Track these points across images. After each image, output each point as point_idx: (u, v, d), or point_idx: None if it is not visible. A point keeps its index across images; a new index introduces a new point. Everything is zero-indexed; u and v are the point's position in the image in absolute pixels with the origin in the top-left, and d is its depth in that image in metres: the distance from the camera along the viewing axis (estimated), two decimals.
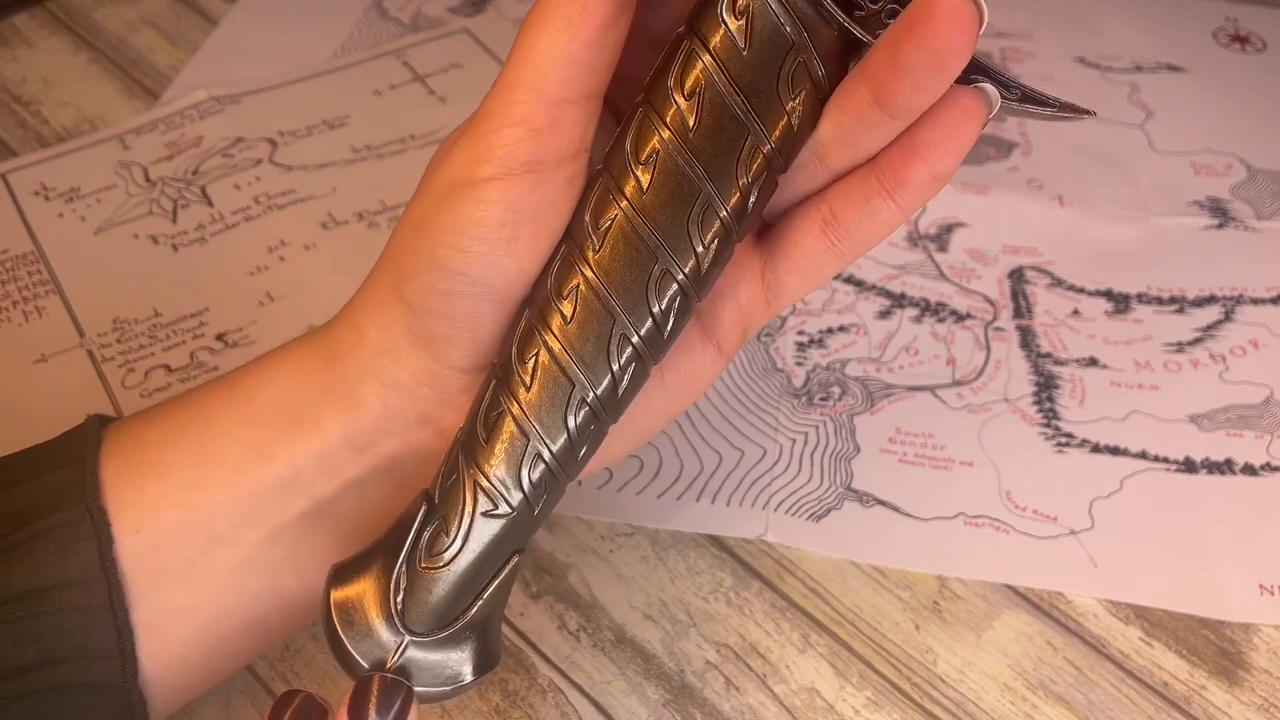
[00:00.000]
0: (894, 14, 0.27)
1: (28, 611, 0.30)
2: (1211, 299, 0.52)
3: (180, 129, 0.59)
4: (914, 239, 0.55)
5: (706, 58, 0.27)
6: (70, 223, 0.54)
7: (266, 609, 0.32)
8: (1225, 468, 0.46)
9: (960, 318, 0.51)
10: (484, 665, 0.30)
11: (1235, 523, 0.44)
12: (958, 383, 0.49)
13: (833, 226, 0.30)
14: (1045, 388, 0.49)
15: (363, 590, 0.29)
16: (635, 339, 0.29)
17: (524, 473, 0.29)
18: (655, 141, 0.28)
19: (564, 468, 0.29)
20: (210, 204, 0.55)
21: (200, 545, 0.31)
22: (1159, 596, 0.42)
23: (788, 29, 0.27)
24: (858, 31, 0.27)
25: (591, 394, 0.29)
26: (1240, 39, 0.66)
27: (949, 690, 0.40)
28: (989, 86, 0.27)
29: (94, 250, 0.53)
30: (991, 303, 0.52)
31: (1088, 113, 0.28)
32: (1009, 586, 0.43)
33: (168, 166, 0.57)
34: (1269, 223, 0.55)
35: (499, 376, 0.29)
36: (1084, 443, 0.47)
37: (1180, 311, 0.52)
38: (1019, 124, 0.61)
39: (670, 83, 0.28)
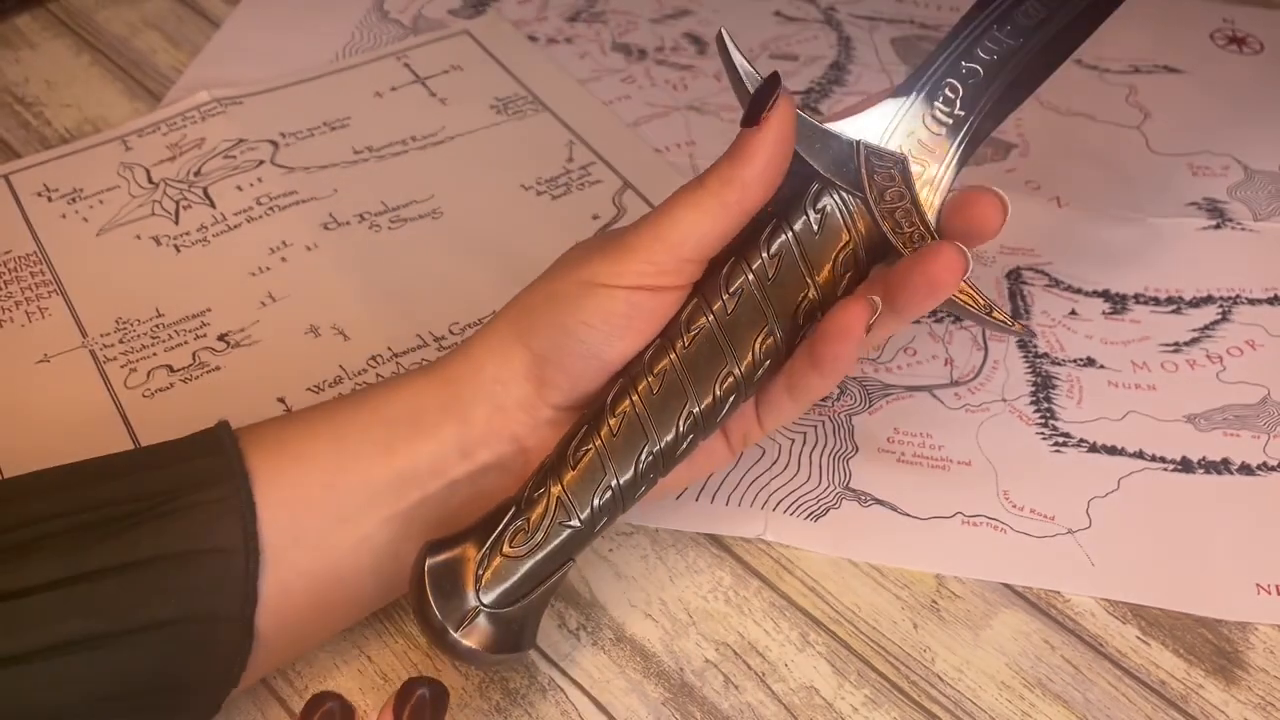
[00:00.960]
0: (922, 236, 0.38)
1: (176, 570, 0.34)
2: (1208, 299, 0.52)
3: (182, 130, 0.59)
4: None
5: (789, 233, 0.38)
6: (73, 224, 0.55)
7: (368, 584, 0.38)
8: (1222, 467, 0.46)
9: (958, 318, 0.52)
10: (519, 645, 0.37)
11: (1232, 522, 0.44)
12: (955, 383, 0.49)
13: (790, 377, 0.39)
14: (1043, 388, 0.49)
15: (454, 562, 0.36)
16: (698, 414, 0.37)
17: (595, 496, 0.37)
18: (742, 280, 0.38)
19: (624, 498, 0.37)
20: (212, 205, 0.55)
21: (331, 522, 0.37)
22: (1156, 595, 0.42)
23: (849, 226, 0.38)
24: (896, 243, 0.38)
25: (658, 447, 0.37)
26: (1238, 40, 0.66)
27: (947, 689, 0.40)
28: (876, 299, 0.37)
29: (96, 251, 0.53)
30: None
31: (1026, 333, 0.42)
32: (1006, 585, 0.43)
33: (170, 168, 0.57)
34: (1266, 223, 0.56)
35: (590, 422, 0.37)
36: (1081, 442, 0.47)
37: (1177, 312, 0.52)
38: (1017, 125, 0.61)
39: (760, 242, 0.38)
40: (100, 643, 0.33)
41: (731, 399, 0.38)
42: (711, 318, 0.38)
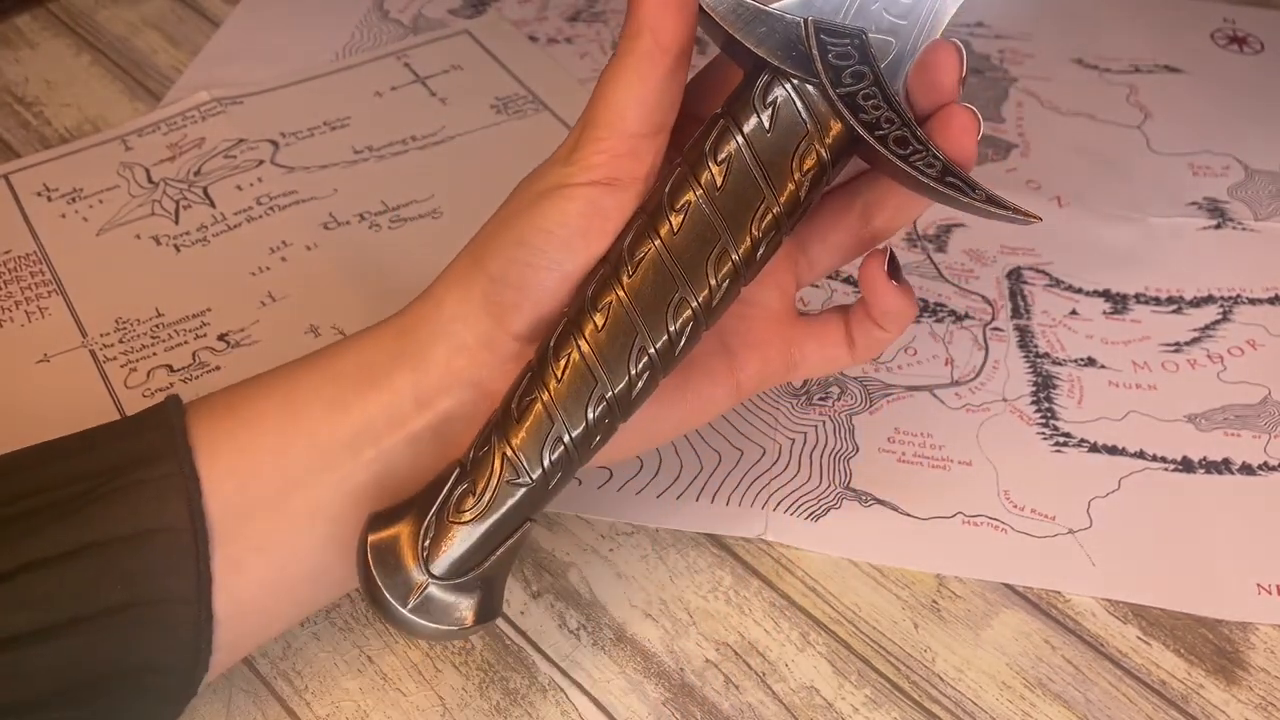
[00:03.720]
0: (890, 120, 0.33)
1: (120, 554, 0.33)
2: (1209, 299, 0.52)
3: (182, 130, 0.59)
4: (913, 239, 0.55)
5: (737, 134, 0.34)
6: (73, 223, 0.55)
7: (330, 557, 0.36)
8: (1223, 467, 0.46)
9: (959, 318, 0.52)
10: (486, 615, 0.34)
11: (1233, 522, 0.44)
12: (956, 382, 0.49)
13: (850, 339, 0.38)
14: (1043, 388, 0.49)
15: (397, 534, 0.34)
16: (651, 351, 0.34)
17: (545, 451, 0.34)
18: (689, 194, 0.34)
19: (579, 451, 0.34)
20: (212, 205, 0.55)
21: (283, 489, 0.35)
22: (1157, 595, 0.42)
23: (804, 119, 0.34)
24: (860, 130, 0.33)
25: (610, 392, 0.34)
26: (1238, 40, 0.66)
27: (947, 689, 0.40)
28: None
29: (96, 251, 0.53)
30: (990, 303, 0.52)
31: (1034, 218, 0.34)
32: (1007, 585, 0.43)
33: (170, 167, 0.57)
34: (1266, 223, 0.56)
35: (535, 369, 0.34)
36: (1082, 442, 0.47)
37: (1178, 312, 0.52)
38: (1017, 125, 0.61)
39: (706, 148, 0.34)
40: (50, 634, 0.32)
41: (689, 330, 0.34)
42: (659, 241, 0.34)
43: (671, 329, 0.34)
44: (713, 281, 0.34)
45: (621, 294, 0.34)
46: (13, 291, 0.51)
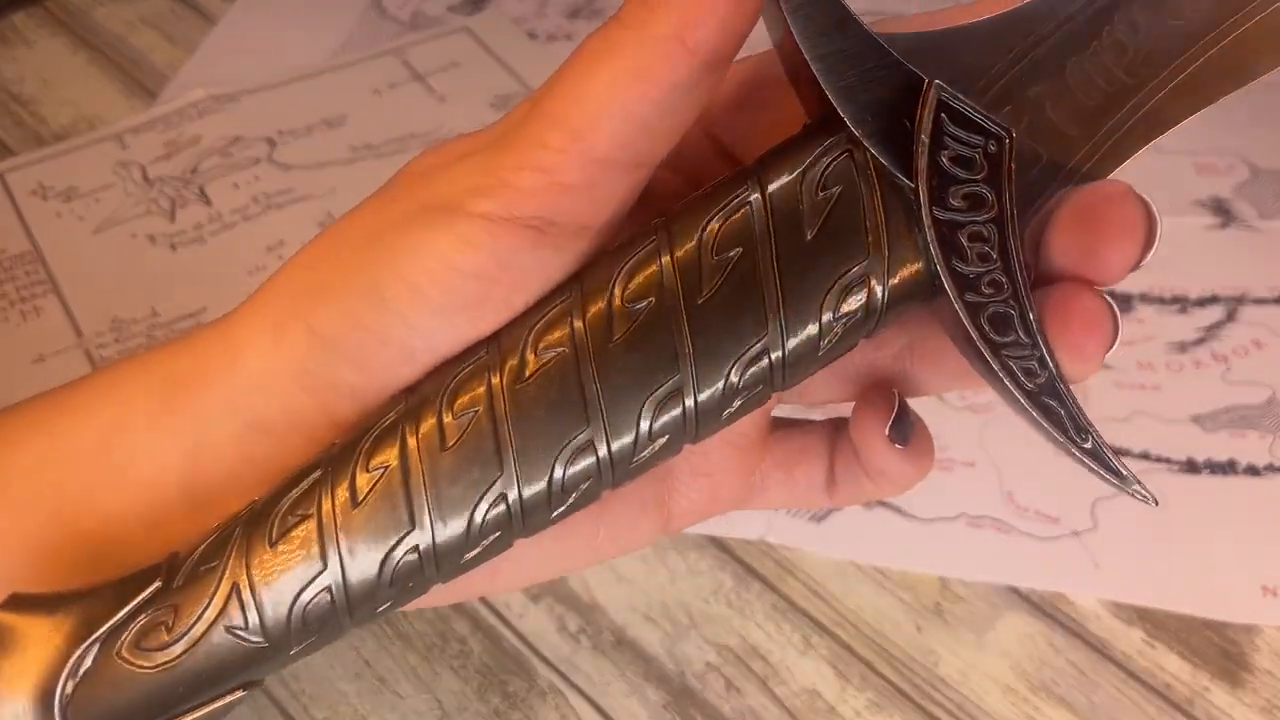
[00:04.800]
0: (997, 285, 0.22)
1: None
2: (1214, 299, 0.52)
3: (179, 128, 0.58)
4: None
5: (760, 216, 0.22)
6: (68, 222, 0.54)
7: None
8: (1228, 468, 0.46)
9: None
10: None
11: (1238, 524, 0.44)
12: None
13: (832, 479, 0.28)
14: None
15: (31, 647, 0.21)
16: (514, 503, 0.22)
17: (300, 601, 0.22)
18: (654, 284, 0.22)
19: (352, 613, 0.23)
20: (208, 203, 0.55)
21: None
22: (1161, 598, 0.42)
23: (869, 237, 0.22)
24: (948, 283, 0.21)
25: (428, 543, 0.22)
26: None
27: (951, 692, 0.40)
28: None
29: (92, 250, 0.53)
30: None
31: (1149, 499, 0.24)
32: (1011, 588, 0.42)
33: (166, 166, 0.57)
34: (1272, 222, 0.55)
35: (328, 468, 0.22)
36: None
37: (1183, 311, 0.52)
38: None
39: (704, 222, 0.22)
40: None
41: (585, 488, 0.23)
42: (583, 340, 0.22)
43: (558, 476, 0.22)
44: (644, 426, 0.22)
45: (500, 401, 0.22)
46: (8, 291, 0.51)
